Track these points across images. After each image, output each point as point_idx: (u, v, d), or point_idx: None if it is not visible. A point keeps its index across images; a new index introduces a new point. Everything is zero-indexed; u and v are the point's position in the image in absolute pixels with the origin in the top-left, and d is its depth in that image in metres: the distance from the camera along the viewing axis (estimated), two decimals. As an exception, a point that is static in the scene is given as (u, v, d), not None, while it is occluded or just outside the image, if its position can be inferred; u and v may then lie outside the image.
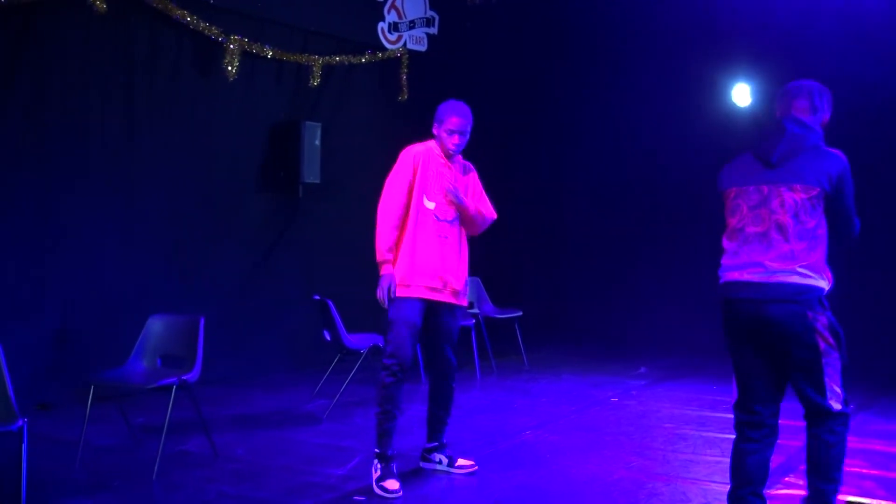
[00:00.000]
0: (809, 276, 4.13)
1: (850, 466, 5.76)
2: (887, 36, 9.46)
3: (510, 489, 5.38)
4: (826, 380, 4.17)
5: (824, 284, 4.17)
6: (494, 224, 5.79)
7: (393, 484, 5.26)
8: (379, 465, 5.35)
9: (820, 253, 4.18)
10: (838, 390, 4.19)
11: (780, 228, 4.17)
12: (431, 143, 5.61)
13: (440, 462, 5.70)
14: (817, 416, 4.24)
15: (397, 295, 5.40)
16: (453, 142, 5.53)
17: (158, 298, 7.59)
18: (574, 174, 11.45)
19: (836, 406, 4.18)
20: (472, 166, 5.78)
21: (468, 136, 5.57)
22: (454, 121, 5.51)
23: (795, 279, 4.12)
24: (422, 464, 5.77)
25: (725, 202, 4.42)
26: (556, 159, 11.56)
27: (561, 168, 11.52)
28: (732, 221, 4.35)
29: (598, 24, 11.15)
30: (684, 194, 10.85)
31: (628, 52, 10.99)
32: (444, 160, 5.57)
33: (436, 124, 5.57)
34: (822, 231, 4.20)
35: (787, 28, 10.00)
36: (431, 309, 5.49)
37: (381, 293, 5.40)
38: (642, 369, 9.39)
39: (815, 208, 4.17)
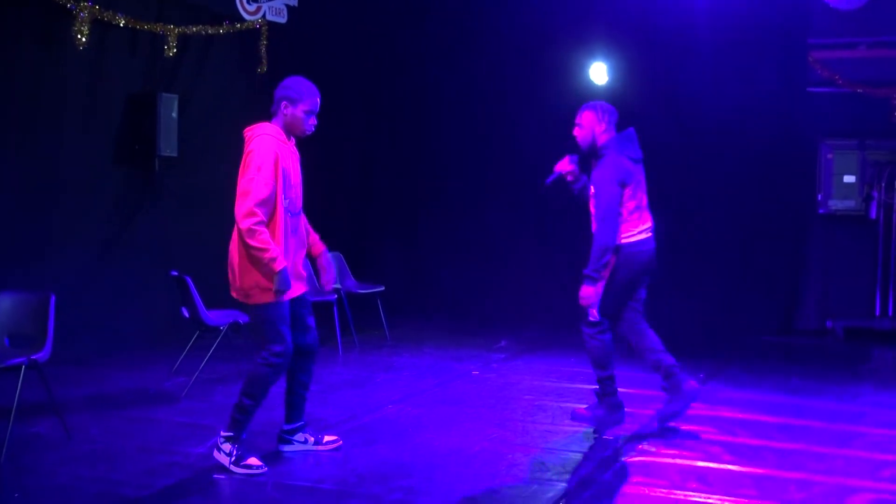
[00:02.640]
0: None
1: (702, 433, 6.01)
2: (730, 20, 9.86)
3: (373, 463, 5.40)
4: None
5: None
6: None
7: (255, 460, 5.21)
8: (234, 449, 5.21)
9: None
10: None
11: None
12: (271, 129, 5.18)
13: (306, 441, 5.62)
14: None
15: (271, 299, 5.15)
16: (312, 123, 5.25)
17: (5, 276, 7.28)
18: (435, 148, 11.49)
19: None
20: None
21: None
22: (315, 101, 5.23)
23: None
24: (282, 447, 5.58)
25: (628, 190, 5.97)
26: (417, 133, 11.57)
27: (422, 142, 11.55)
28: (635, 202, 6.00)
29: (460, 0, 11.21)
30: (542, 169, 10.98)
31: (489, 29, 11.09)
32: (287, 145, 5.22)
33: (285, 102, 5.17)
34: None
35: (642, 8, 10.28)
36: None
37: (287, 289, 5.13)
38: (503, 342, 9.54)
39: None
